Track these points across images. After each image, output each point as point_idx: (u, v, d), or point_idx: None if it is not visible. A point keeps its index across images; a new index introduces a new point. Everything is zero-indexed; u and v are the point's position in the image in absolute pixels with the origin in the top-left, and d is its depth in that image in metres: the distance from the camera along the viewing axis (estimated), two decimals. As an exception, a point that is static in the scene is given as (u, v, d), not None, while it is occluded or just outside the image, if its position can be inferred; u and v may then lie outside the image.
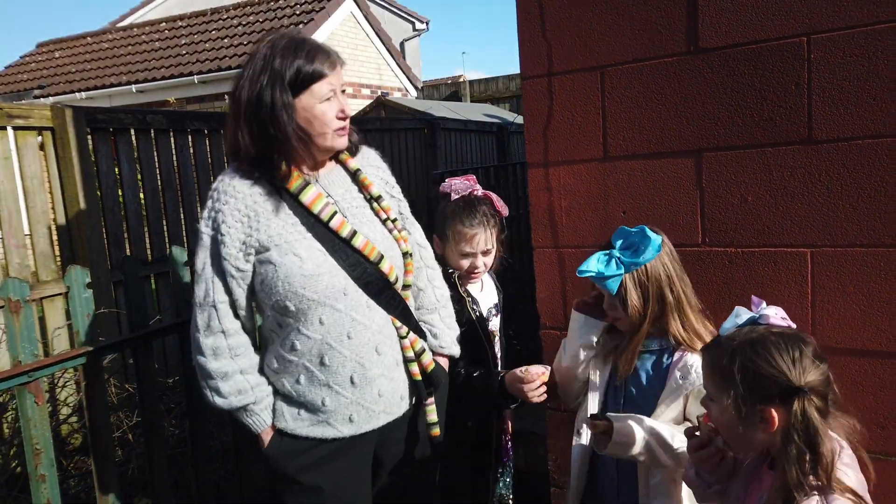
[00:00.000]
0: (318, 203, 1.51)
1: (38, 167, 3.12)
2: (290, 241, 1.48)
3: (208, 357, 1.49)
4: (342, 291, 1.48)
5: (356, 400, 1.51)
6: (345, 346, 1.49)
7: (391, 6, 16.90)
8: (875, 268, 1.56)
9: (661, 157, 1.77)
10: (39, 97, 10.68)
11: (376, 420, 1.55)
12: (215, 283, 1.49)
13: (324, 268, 1.47)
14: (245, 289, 1.50)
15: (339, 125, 1.50)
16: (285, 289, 1.45)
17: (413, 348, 1.59)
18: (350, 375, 1.50)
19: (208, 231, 1.50)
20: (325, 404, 1.50)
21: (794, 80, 1.59)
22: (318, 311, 1.47)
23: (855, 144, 1.55)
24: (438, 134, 6.44)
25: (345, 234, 1.50)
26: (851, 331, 1.60)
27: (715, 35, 1.67)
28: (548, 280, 1.99)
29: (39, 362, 1.74)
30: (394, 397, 1.56)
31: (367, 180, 1.62)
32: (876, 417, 1.59)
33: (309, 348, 1.49)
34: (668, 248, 1.55)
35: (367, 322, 1.51)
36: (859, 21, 1.52)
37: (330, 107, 1.47)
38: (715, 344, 1.24)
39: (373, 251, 1.52)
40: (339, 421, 1.51)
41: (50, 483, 1.75)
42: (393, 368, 1.56)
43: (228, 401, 1.50)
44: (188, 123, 3.79)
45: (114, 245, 3.39)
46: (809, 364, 1.14)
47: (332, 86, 1.47)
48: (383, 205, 1.62)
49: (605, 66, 1.81)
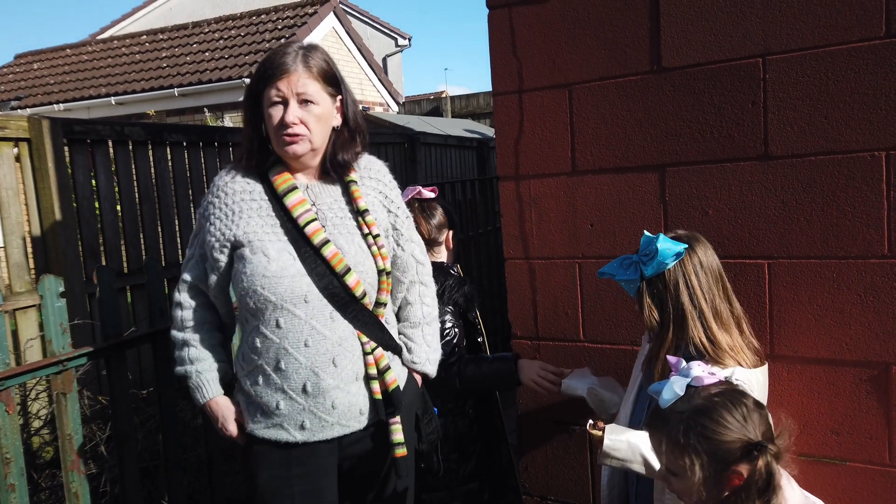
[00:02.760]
0: (298, 208, 1.55)
1: (14, 178, 3.11)
2: (264, 241, 1.53)
3: (173, 328, 1.65)
4: (303, 298, 1.50)
5: (309, 408, 1.52)
6: (301, 353, 1.50)
7: (374, 22, 17.03)
8: (828, 278, 1.62)
9: (627, 172, 1.83)
10: (16, 108, 10.58)
11: (330, 430, 1.54)
12: (191, 263, 1.62)
13: (288, 271, 1.50)
14: (217, 277, 1.59)
15: (283, 132, 1.51)
16: (247, 286, 1.51)
17: (377, 365, 1.57)
18: (303, 383, 1.51)
19: (200, 220, 1.63)
20: (279, 408, 1.53)
21: (750, 98, 1.67)
22: (276, 314, 1.50)
23: (808, 160, 1.62)
24: (419, 148, 6.50)
25: (316, 242, 1.53)
26: (806, 339, 1.66)
27: (676, 55, 1.74)
28: (519, 291, 2.04)
29: (10, 371, 1.73)
30: (350, 411, 1.55)
31: (358, 193, 1.62)
32: (830, 423, 1.65)
33: (267, 349, 1.52)
34: (699, 259, 1.50)
35: (327, 333, 1.52)
36: (811, 44, 1.60)
37: (275, 111, 1.52)
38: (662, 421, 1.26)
39: (340, 263, 1.53)
40: (291, 426, 1.53)
41: (19, 492, 1.74)
42: (350, 382, 1.55)
43: (176, 368, 1.63)
44: (167, 136, 3.80)
45: (89, 257, 3.38)
46: (756, 416, 1.19)
47: (279, 92, 1.50)
48: (367, 219, 1.61)
49: (572, 83, 1.88)
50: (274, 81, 1.50)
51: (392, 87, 13.12)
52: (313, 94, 1.51)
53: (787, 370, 1.69)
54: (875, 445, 1.61)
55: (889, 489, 1.61)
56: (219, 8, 14.30)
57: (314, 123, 1.52)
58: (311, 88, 1.51)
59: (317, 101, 1.52)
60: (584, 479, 2.01)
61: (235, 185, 1.58)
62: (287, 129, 1.50)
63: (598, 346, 1.93)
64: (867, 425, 1.62)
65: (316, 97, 1.52)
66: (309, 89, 1.51)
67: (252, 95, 1.56)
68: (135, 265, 3.59)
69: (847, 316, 1.61)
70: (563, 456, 2.04)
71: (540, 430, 2.07)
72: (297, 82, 1.50)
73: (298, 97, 1.50)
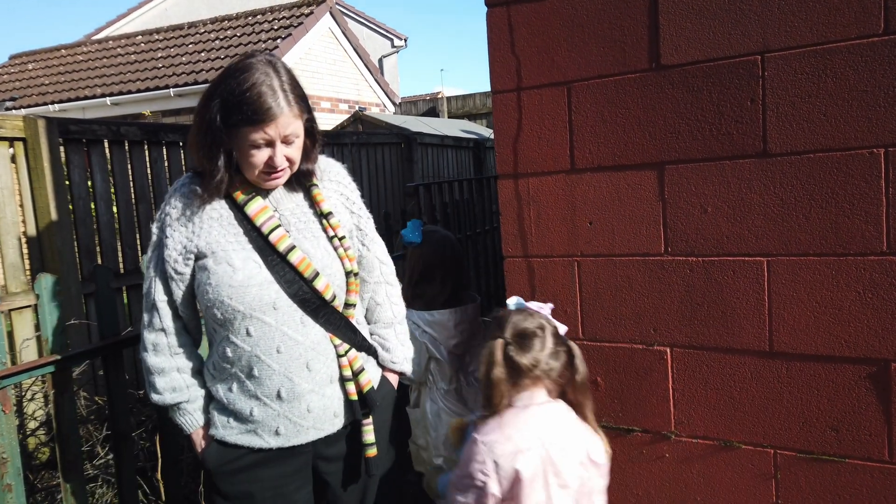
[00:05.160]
0: (261, 216, 1.51)
1: (10, 178, 3.10)
2: (227, 251, 1.49)
3: (149, 352, 1.55)
4: (271, 305, 1.48)
5: (283, 413, 1.51)
6: (273, 359, 1.49)
7: (370, 23, 17.03)
8: (827, 276, 1.62)
9: (626, 170, 1.83)
10: (11, 109, 10.54)
11: (305, 435, 1.54)
12: (157, 282, 1.54)
13: (255, 280, 1.47)
14: (183, 291, 1.53)
15: (269, 171, 1.48)
16: (213, 297, 1.46)
17: (351, 367, 1.57)
18: (278, 389, 1.50)
19: (156, 232, 1.56)
20: (252, 415, 1.51)
21: (749, 96, 1.67)
22: (245, 323, 1.48)
23: (807, 158, 1.62)
24: (415, 148, 6.50)
25: (282, 249, 1.50)
26: (806, 336, 1.66)
27: (675, 53, 1.74)
28: (517, 289, 2.03)
29: (7, 370, 1.72)
30: (325, 414, 1.55)
31: (320, 196, 1.60)
32: (830, 421, 1.66)
33: (239, 357, 1.50)
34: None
35: (299, 338, 1.50)
36: (809, 41, 1.60)
37: (259, 153, 1.45)
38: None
39: (308, 268, 1.51)
40: (266, 432, 1.52)
41: (16, 493, 1.73)
42: (325, 385, 1.54)
43: (163, 397, 1.54)
44: (163, 135, 3.79)
45: (85, 257, 3.37)
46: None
47: (266, 136, 1.43)
48: (332, 221, 1.59)
49: (571, 81, 1.88)
50: (260, 126, 1.41)
51: (388, 87, 13.12)
52: (296, 130, 1.47)
53: (787, 367, 1.69)
54: (874, 443, 1.61)
55: (888, 487, 1.61)
56: (214, 8, 14.28)
57: (295, 154, 1.50)
58: (294, 126, 1.46)
59: (298, 134, 1.49)
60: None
61: (192, 194, 1.51)
62: (273, 171, 1.48)
63: (596, 344, 1.93)
64: (866, 422, 1.62)
65: (298, 132, 1.48)
66: (294, 128, 1.46)
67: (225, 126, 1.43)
68: (131, 265, 3.58)
69: (846, 313, 1.61)
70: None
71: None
72: (285, 125, 1.44)
73: (284, 138, 1.45)
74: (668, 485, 1.87)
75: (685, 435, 1.83)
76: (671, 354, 1.82)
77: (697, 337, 1.78)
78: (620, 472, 1.92)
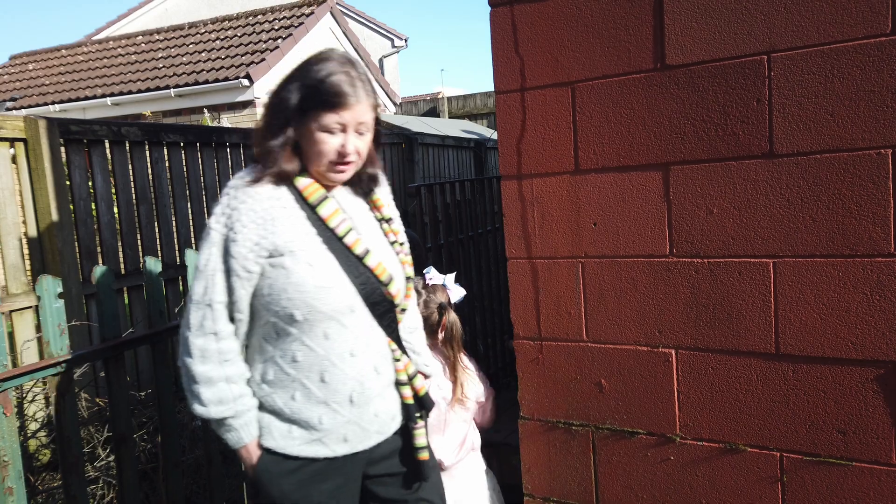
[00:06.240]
0: (335, 217, 1.49)
1: (10, 178, 3.09)
2: (305, 250, 1.44)
3: (195, 358, 1.43)
4: (350, 308, 1.46)
5: (353, 419, 1.48)
6: (347, 363, 1.46)
7: (370, 23, 17.02)
8: (833, 277, 1.61)
9: (630, 171, 1.82)
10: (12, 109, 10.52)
11: (369, 440, 1.52)
12: (217, 281, 1.43)
13: (335, 281, 1.45)
14: (249, 292, 1.45)
15: (338, 160, 1.46)
16: (295, 296, 1.41)
17: (407, 371, 1.57)
18: (350, 394, 1.47)
19: (220, 228, 1.44)
20: (321, 422, 1.46)
21: (755, 96, 1.65)
22: (325, 325, 1.44)
23: (813, 158, 1.61)
24: (416, 149, 6.49)
25: (358, 252, 1.49)
26: (812, 338, 1.65)
27: (680, 53, 1.73)
28: (521, 291, 2.02)
29: (8, 372, 1.71)
30: (387, 417, 1.55)
31: (380, 201, 1.62)
32: (836, 423, 1.64)
33: (310, 363, 1.45)
34: None
35: (369, 341, 1.50)
36: (816, 41, 1.58)
37: (331, 139, 1.44)
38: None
39: (384, 272, 1.51)
40: (333, 440, 1.47)
41: (17, 496, 1.72)
42: (387, 387, 1.55)
43: (208, 409, 1.43)
44: (164, 136, 3.78)
45: (86, 258, 3.36)
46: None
47: (341, 120, 1.43)
48: (393, 227, 1.62)
49: (575, 81, 1.86)
50: (337, 109, 1.42)
51: (389, 87, 13.10)
52: (369, 123, 1.48)
53: (793, 370, 1.68)
54: (882, 445, 1.60)
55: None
56: (215, 8, 14.28)
57: (364, 149, 1.50)
58: (368, 118, 1.47)
59: (370, 127, 1.49)
60: (588, 479, 1.99)
61: (262, 191, 1.45)
62: (344, 159, 1.46)
63: (600, 345, 1.92)
64: (874, 425, 1.61)
65: (370, 125, 1.49)
66: (367, 119, 1.47)
67: (300, 110, 1.44)
68: (132, 266, 3.56)
69: (853, 315, 1.60)
70: (565, 457, 2.02)
71: (541, 431, 2.06)
72: (361, 113, 1.45)
73: (357, 127, 1.45)
74: (673, 488, 1.86)
75: (690, 437, 1.82)
76: (676, 356, 1.81)
77: (703, 339, 1.77)
78: (625, 475, 1.91)
